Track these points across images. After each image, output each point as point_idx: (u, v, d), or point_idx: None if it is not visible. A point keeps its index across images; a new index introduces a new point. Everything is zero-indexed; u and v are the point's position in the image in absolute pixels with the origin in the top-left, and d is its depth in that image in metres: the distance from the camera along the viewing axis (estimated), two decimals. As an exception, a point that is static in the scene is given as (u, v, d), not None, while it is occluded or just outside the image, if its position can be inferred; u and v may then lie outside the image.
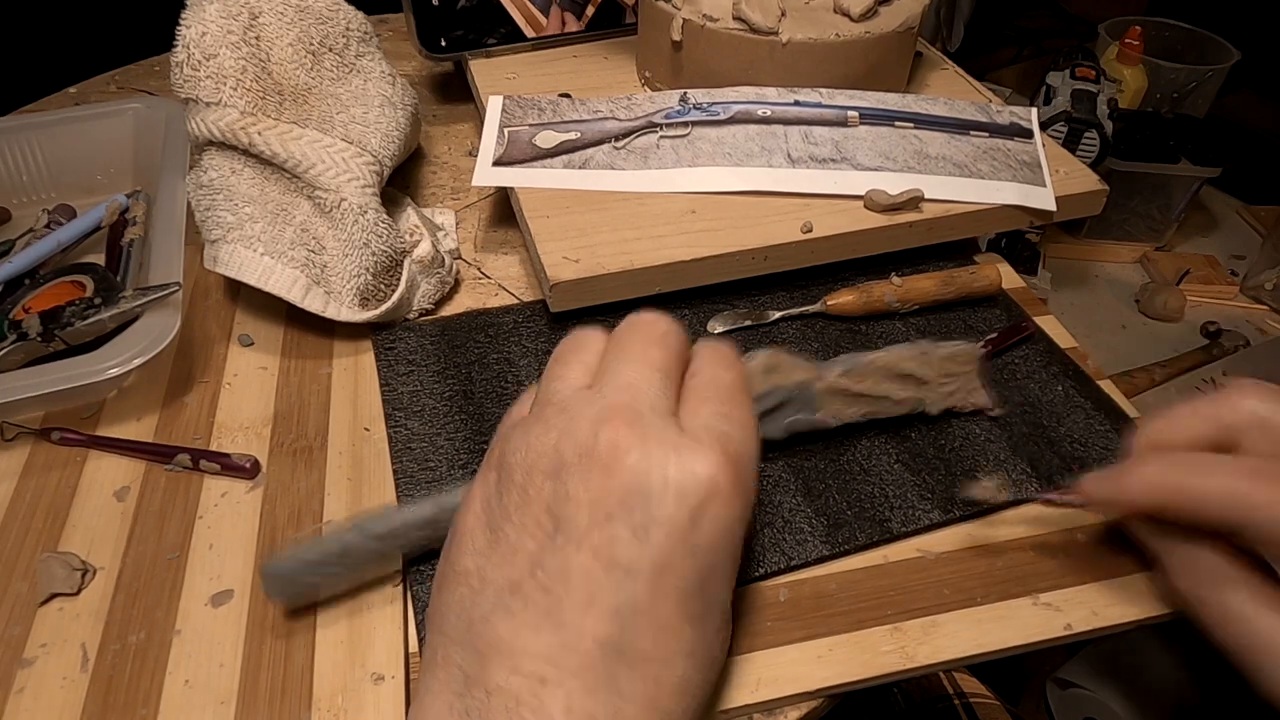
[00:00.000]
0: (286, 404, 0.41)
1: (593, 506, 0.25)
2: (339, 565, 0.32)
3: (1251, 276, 1.12)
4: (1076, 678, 0.93)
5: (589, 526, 0.25)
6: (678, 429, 0.26)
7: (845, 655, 0.32)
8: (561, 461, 0.25)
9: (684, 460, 0.25)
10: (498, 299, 0.47)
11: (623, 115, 0.51)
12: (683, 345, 0.30)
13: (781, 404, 0.36)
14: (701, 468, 0.25)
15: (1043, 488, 0.37)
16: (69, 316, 0.40)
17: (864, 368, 0.37)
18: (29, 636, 0.33)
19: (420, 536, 0.32)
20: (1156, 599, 0.34)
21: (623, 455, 0.25)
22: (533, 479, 0.26)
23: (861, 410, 0.37)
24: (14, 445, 0.40)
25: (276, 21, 0.46)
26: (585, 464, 0.25)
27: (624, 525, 0.25)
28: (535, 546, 0.25)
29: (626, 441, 0.25)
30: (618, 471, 0.25)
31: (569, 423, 0.26)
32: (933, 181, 0.47)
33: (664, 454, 0.25)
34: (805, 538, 0.35)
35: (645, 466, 0.25)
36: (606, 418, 0.26)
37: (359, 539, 0.32)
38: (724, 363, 0.30)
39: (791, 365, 0.35)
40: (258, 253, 0.42)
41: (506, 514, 0.26)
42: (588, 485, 0.25)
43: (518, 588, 0.25)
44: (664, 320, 0.30)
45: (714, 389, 0.28)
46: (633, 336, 0.29)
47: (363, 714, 0.30)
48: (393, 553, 0.33)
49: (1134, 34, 1.03)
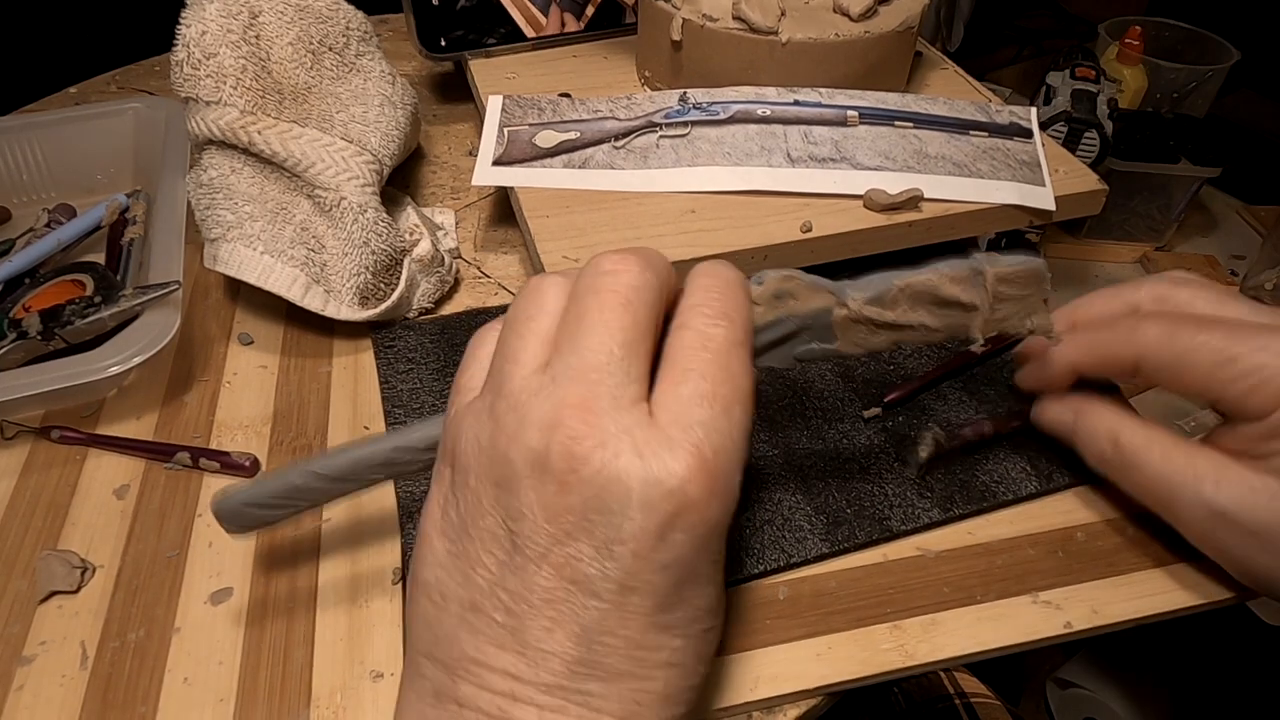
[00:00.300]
0: (286, 402, 0.41)
1: (550, 523, 0.22)
2: (291, 504, 0.30)
3: (1251, 276, 1.12)
4: (1076, 678, 0.93)
5: (548, 545, 0.23)
6: (645, 421, 0.23)
7: (845, 653, 0.32)
8: (513, 472, 0.23)
9: (649, 467, 0.22)
10: (498, 298, 0.47)
11: (622, 115, 0.51)
12: (657, 299, 0.25)
13: (792, 333, 0.30)
14: (669, 475, 0.22)
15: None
16: (69, 315, 0.40)
17: (897, 293, 0.30)
18: (28, 634, 0.33)
19: (377, 478, 0.30)
20: (1156, 598, 0.34)
21: (579, 465, 0.22)
22: (485, 486, 0.24)
23: (889, 339, 0.31)
24: (14, 443, 0.40)
25: (276, 21, 0.46)
26: (538, 476, 0.22)
27: (585, 543, 0.22)
28: (493, 563, 0.23)
29: (582, 448, 0.22)
30: (574, 485, 0.22)
31: (519, 425, 0.23)
32: (932, 181, 0.47)
33: (626, 461, 0.22)
34: (805, 535, 0.35)
35: (604, 478, 0.22)
36: (558, 419, 0.22)
37: (309, 480, 0.29)
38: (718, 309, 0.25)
39: (807, 290, 0.29)
40: (258, 251, 0.42)
41: (463, 523, 0.24)
42: (542, 501, 0.22)
43: (478, 607, 0.23)
44: (632, 268, 0.25)
45: (700, 352, 0.24)
46: (592, 300, 0.24)
47: (362, 711, 0.30)
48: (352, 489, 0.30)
49: (1134, 34, 1.03)
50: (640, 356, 0.24)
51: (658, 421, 0.23)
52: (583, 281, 0.25)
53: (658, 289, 0.25)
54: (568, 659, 0.23)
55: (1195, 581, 0.34)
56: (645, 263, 0.25)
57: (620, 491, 0.22)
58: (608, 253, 0.25)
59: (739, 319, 0.25)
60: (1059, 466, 0.38)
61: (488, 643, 0.23)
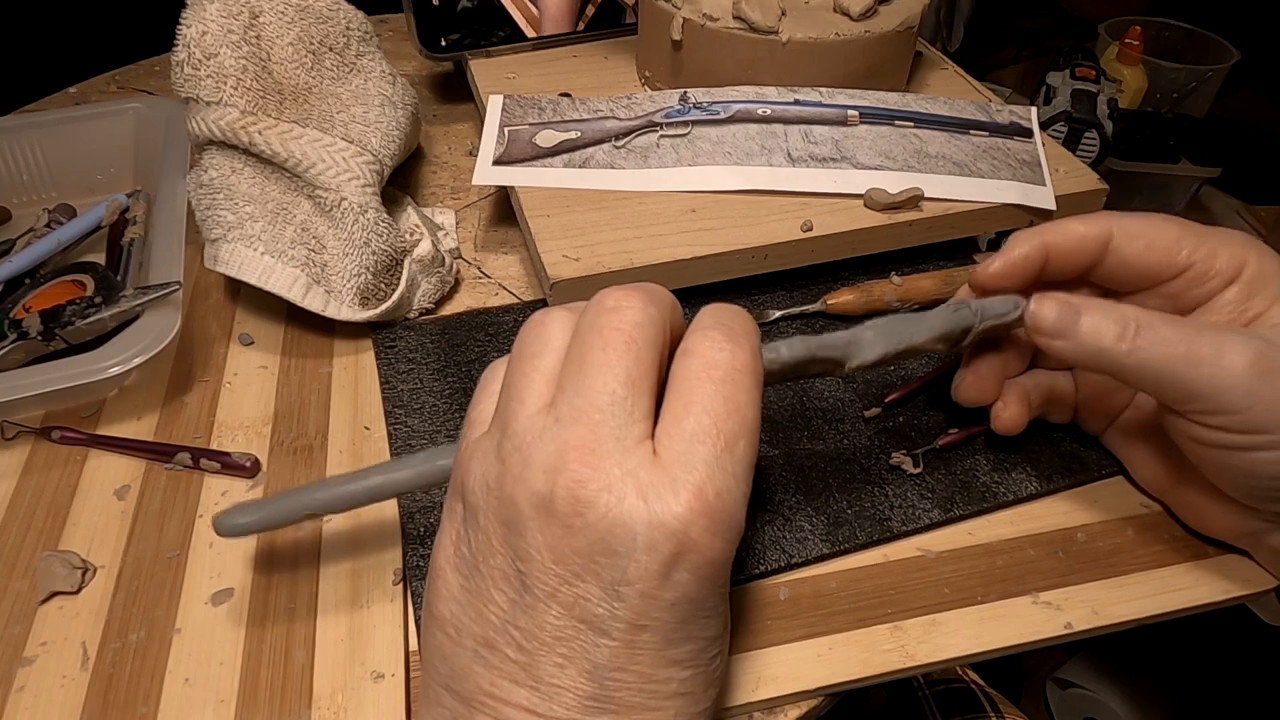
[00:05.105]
0: (287, 403, 0.41)
1: (558, 564, 0.23)
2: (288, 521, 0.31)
3: (1251, 276, 1.12)
4: (1076, 678, 0.93)
5: (556, 586, 0.23)
6: (649, 462, 0.23)
7: (845, 654, 0.32)
8: (519, 513, 0.23)
9: (653, 509, 0.22)
10: (498, 298, 0.47)
11: (623, 114, 0.51)
12: (659, 336, 0.25)
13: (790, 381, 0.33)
14: (672, 517, 0.22)
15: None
16: (69, 315, 0.40)
17: (899, 353, 0.32)
18: (29, 635, 0.33)
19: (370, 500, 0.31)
20: (1156, 598, 0.34)
21: (584, 510, 0.22)
22: (494, 525, 0.24)
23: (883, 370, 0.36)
24: (14, 444, 0.40)
25: (277, 21, 0.46)
26: (543, 518, 0.23)
27: (593, 584, 0.23)
28: (505, 602, 0.24)
29: (587, 492, 0.22)
30: (579, 529, 0.23)
31: (523, 466, 0.23)
32: (932, 180, 0.47)
33: (631, 505, 0.22)
34: (805, 536, 0.35)
35: (609, 522, 0.22)
36: (563, 463, 0.23)
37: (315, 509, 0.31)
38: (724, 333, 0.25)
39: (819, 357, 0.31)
40: (258, 252, 0.42)
41: (475, 560, 0.25)
42: (549, 543, 0.23)
43: (492, 644, 0.24)
44: (635, 305, 0.25)
45: (704, 383, 0.24)
46: (594, 339, 0.24)
47: (363, 712, 0.30)
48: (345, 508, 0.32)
49: (1134, 34, 1.03)
50: (644, 393, 0.24)
51: (661, 461, 0.23)
52: (585, 319, 0.25)
53: (661, 324, 0.25)
54: (580, 694, 0.23)
55: (1195, 582, 0.34)
56: (648, 298, 0.25)
57: (625, 535, 0.22)
58: (612, 289, 0.26)
59: (746, 342, 0.25)
60: (1059, 467, 0.38)
61: (502, 678, 0.24)
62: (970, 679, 0.59)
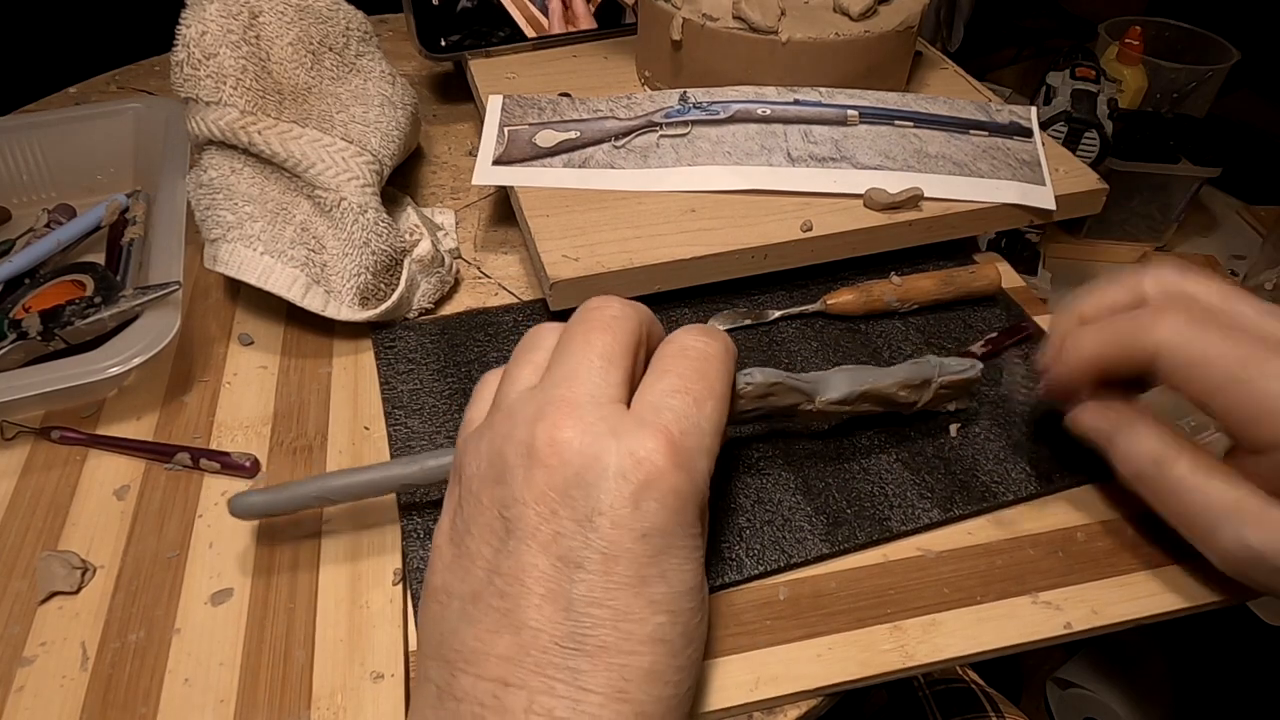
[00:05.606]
0: (286, 403, 0.41)
1: (537, 503, 0.25)
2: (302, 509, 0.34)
3: (1251, 277, 1.12)
4: (1076, 678, 0.93)
5: (536, 523, 0.25)
6: (620, 412, 0.26)
7: (845, 654, 0.32)
8: (506, 465, 0.26)
9: (622, 444, 0.25)
10: (498, 298, 0.47)
11: (622, 114, 0.51)
12: (635, 327, 0.28)
13: (762, 417, 0.35)
14: (640, 449, 0.25)
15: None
16: (69, 315, 0.40)
17: (859, 397, 0.36)
18: (29, 635, 0.33)
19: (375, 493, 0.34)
20: (1156, 598, 0.34)
21: (561, 448, 0.25)
22: (485, 487, 0.26)
23: (835, 420, 0.39)
24: (14, 444, 0.40)
25: (276, 21, 0.46)
26: (528, 463, 0.25)
27: (568, 518, 0.25)
28: (490, 552, 0.25)
29: (564, 434, 0.25)
30: (558, 466, 0.25)
31: (511, 426, 0.26)
32: (932, 180, 0.47)
33: (603, 441, 0.25)
34: (805, 536, 0.35)
35: (584, 456, 0.25)
36: (544, 414, 0.26)
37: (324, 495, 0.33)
38: (702, 330, 0.29)
39: (786, 390, 0.34)
40: (258, 252, 0.42)
41: (467, 526, 0.26)
42: (531, 484, 0.25)
43: (478, 597, 0.25)
44: (614, 305, 0.29)
45: (679, 358, 0.28)
46: (577, 327, 0.28)
47: (362, 712, 0.30)
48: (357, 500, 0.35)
49: (1134, 34, 1.03)
50: (619, 369, 0.27)
51: (634, 412, 0.26)
52: (570, 321, 0.29)
53: (638, 321, 0.29)
54: (557, 635, 0.24)
55: (1195, 582, 0.34)
56: (627, 302, 0.29)
57: (598, 467, 0.25)
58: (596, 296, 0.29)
59: (720, 338, 0.29)
60: (1059, 467, 0.38)
61: (486, 630, 0.25)
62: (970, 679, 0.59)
